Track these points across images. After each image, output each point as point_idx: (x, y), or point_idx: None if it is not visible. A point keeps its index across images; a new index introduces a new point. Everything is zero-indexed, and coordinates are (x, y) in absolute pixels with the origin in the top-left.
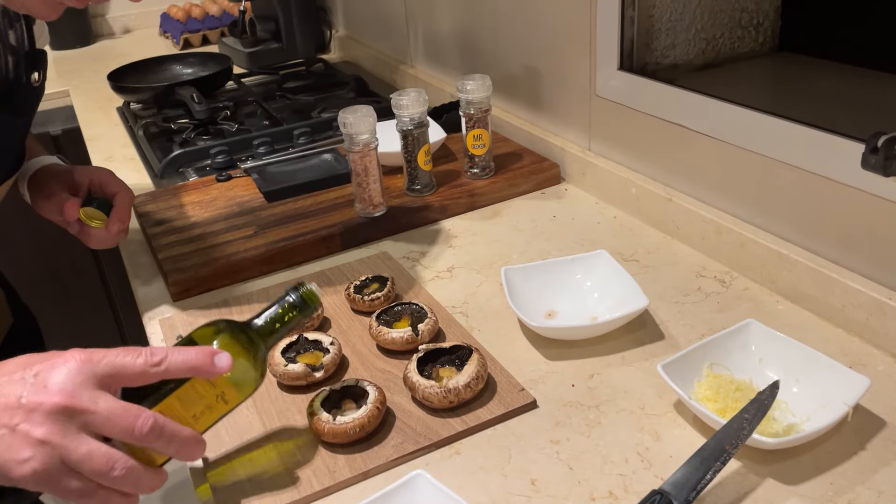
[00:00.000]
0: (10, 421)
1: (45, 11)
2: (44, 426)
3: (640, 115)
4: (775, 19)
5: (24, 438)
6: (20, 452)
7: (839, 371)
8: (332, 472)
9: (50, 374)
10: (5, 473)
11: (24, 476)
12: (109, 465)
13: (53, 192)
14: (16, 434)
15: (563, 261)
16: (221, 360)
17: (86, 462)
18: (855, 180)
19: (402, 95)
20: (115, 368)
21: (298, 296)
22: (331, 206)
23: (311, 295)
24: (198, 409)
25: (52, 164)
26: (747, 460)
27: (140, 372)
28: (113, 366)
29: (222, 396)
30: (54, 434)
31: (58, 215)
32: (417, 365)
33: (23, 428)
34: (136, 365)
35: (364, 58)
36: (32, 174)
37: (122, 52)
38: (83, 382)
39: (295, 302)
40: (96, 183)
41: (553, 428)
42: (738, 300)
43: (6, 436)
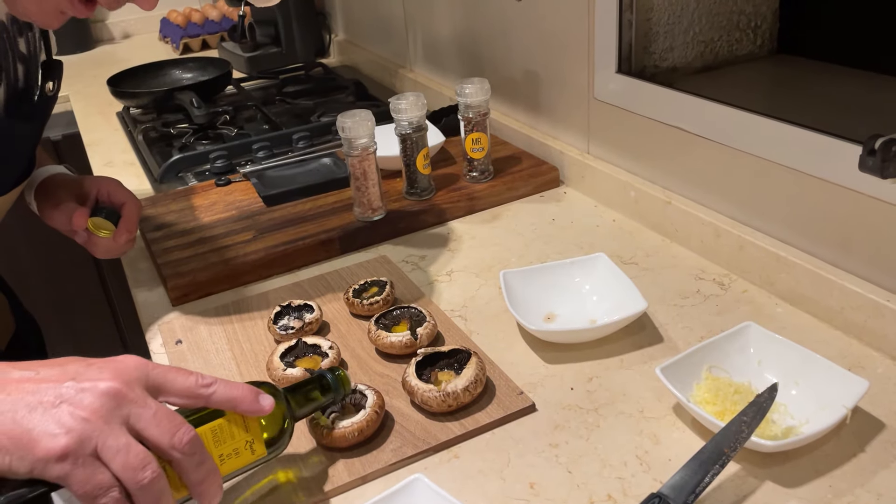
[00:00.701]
0: (58, 397)
1: (46, 20)
2: (92, 404)
3: (638, 118)
4: (773, 22)
5: (68, 413)
6: (57, 426)
7: (838, 373)
8: (331, 476)
9: (108, 364)
10: (30, 449)
11: (51, 451)
12: (143, 464)
13: (62, 201)
14: (59, 409)
15: (561, 264)
16: (265, 400)
17: (121, 454)
18: (853, 182)
19: (401, 99)
20: (166, 379)
21: (334, 377)
22: (330, 211)
23: (346, 380)
24: (227, 449)
25: (59, 173)
26: (746, 463)
27: (188, 389)
28: (165, 376)
29: (251, 445)
30: (100, 414)
31: (65, 224)
32: (416, 369)
33: (64, 410)
34: (186, 381)
35: (363, 62)
36: (40, 183)
37: (122, 57)
38: (136, 380)
39: (333, 384)
40: (104, 193)
41: (552, 431)
42: (737, 302)
43: (49, 408)
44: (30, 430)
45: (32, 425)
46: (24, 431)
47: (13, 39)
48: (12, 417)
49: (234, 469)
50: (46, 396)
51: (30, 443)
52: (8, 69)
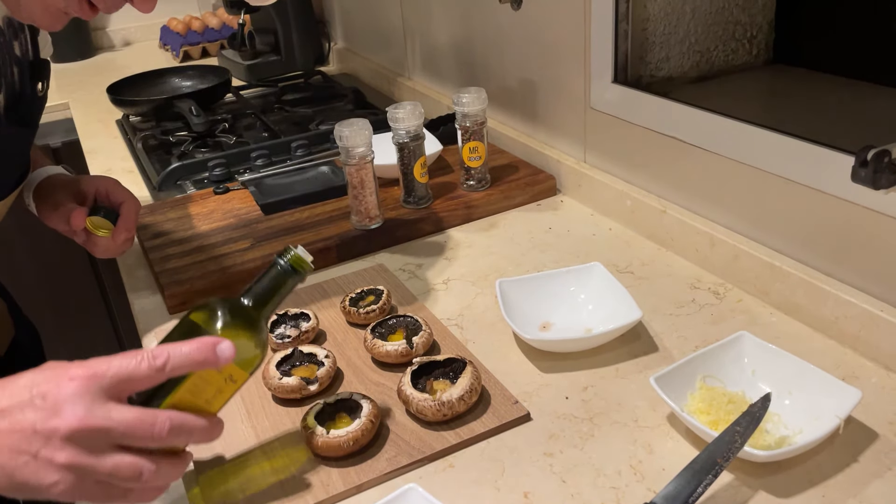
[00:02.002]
0: (30, 448)
1: (50, 22)
2: (64, 451)
3: (634, 127)
4: (769, 32)
5: (48, 464)
6: (47, 478)
7: (831, 383)
8: (326, 485)
9: (58, 397)
10: (38, 494)
11: (58, 497)
12: (137, 473)
13: (60, 201)
14: (38, 460)
15: (557, 273)
16: (224, 351)
17: (114, 475)
18: (846, 193)
19: (399, 108)
20: (120, 379)
21: (287, 262)
22: (327, 219)
23: (300, 259)
24: (209, 394)
25: (57, 173)
26: (739, 473)
27: (145, 377)
28: (118, 377)
29: (230, 378)
30: (76, 457)
31: (64, 225)
32: (411, 378)
33: (44, 454)
34: (140, 370)
35: (362, 70)
36: (38, 184)
37: (122, 65)
38: (93, 400)
39: (285, 268)
40: (103, 192)
41: (546, 441)
42: (732, 312)
43: (30, 462)
44: (26, 480)
45: (26, 476)
46: (23, 483)
47: (9, 43)
48: (9, 474)
49: (223, 402)
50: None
51: (37, 490)
52: (6, 74)
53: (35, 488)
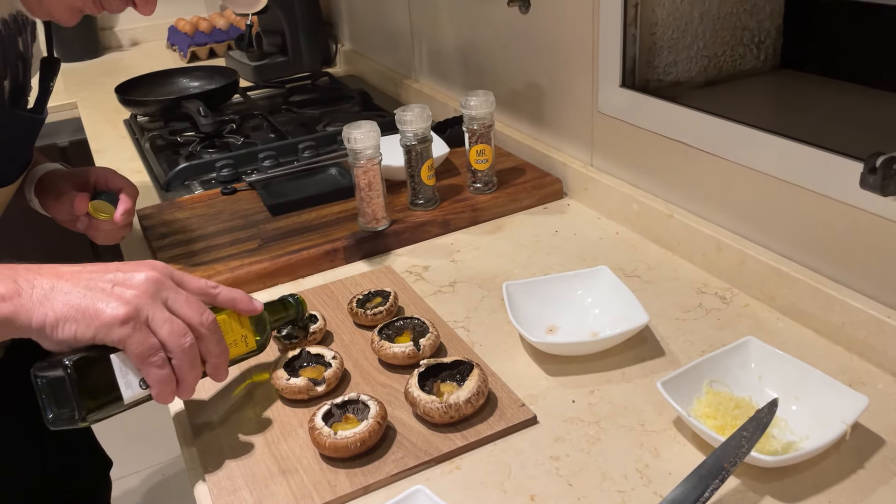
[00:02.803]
0: (106, 285)
1: (67, 17)
2: (137, 288)
3: (641, 131)
4: (777, 37)
5: (119, 296)
6: (116, 300)
7: (838, 389)
8: (333, 486)
9: (139, 267)
10: (95, 318)
11: (115, 318)
12: (184, 332)
13: (62, 191)
14: (112, 293)
15: (564, 276)
16: (257, 303)
17: (167, 324)
18: (854, 199)
19: (406, 111)
20: (184, 278)
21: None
22: (334, 220)
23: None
24: (228, 339)
25: (57, 168)
26: (746, 478)
27: (201, 288)
28: (183, 276)
29: (245, 339)
30: (148, 293)
31: (67, 214)
32: (418, 380)
33: (117, 291)
34: (199, 282)
35: (369, 72)
36: (39, 178)
37: (130, 65)
38: (166, 274)
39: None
40: (102, 180)
41: (553, 444)
42: (739, 317)
43: (102, 293)
44: (94, 304)
45: (94, 301)
46: (89, 305)
47: (13, 38)
48: (76, 296)
49: (233, 356)
50: (100, 283)
51: (95, 313)
52: (12, 64)
53: (97, 311)
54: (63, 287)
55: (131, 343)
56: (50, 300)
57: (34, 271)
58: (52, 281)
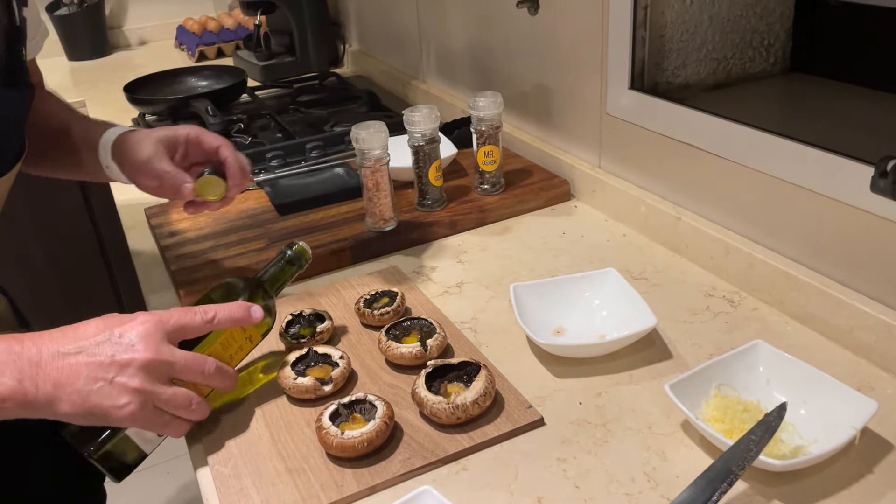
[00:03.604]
0: (107, 375)
1: None
2: (137, 378)
3: (650, 133)
4: (786, 40)
5: (122, 388)
6: (119, 399)
7: (847, 394)
8: (340, 486)
9: (133, 335)
10: (105, 416)
11: (123, 417)
12: (188, 402)
13: (149, 157)
14: (114, 385)
15: (571, 278)
16: (256, 313)
17: (171, 402)
18: (864, 203)
19: (415, 112)
20: (180, 326)
21: (293, 251)
22: (342, 221)
23: (302, 251)
24: (233, 350)
25: (129, 128)
26: (754, 482)
27: (198, 327)
28: (178, 325)
29: (249, 338)
30: (146, 384)
31: (154, 180)
32: (426, 380)
33: (119, 380)
34: (195, 322)
35: (377, 72)
36: (114, 143)
37: (138, 64)
38: (160, 340)
39: (290, 258)
40: (193, 138)
41: (560, 446)
42: (747, 320)
43: (105, 387)
44: (100, 403)
45: (101, 400)
46: (96, 404)
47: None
48: (81, 396)
49: (240, 359)
50: (100, 373)
51: (103, 413)
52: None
53: (105, 410)
54: (65, 388)
55: (142, 424)
56: (56, 401)
57: (37, 366)
58: (53, 381)
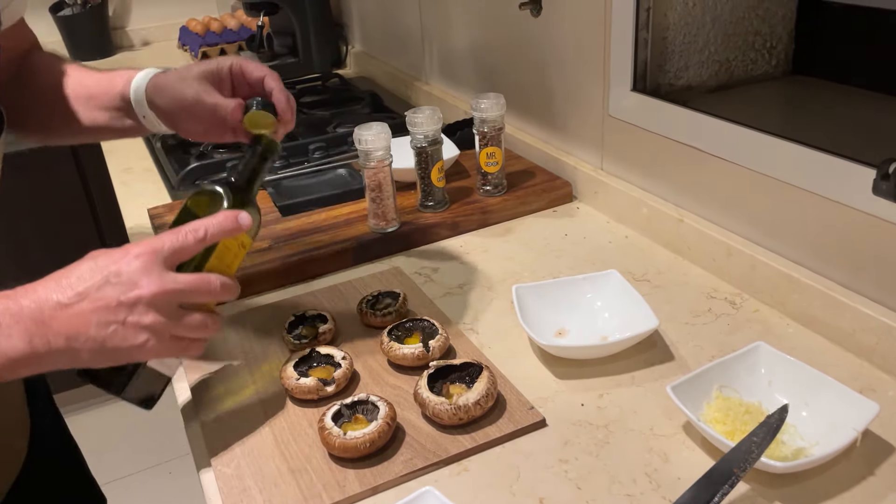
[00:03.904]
0: (118, 317)
1: None
2: (148, 313)
3: (652, 135)
4: (789, 42)
5: (136, 327)
6: (137, 338)
7: (849, 396)
8: (342, 486)
9: (132, 272)
10: (127, 356)
11: (146, 355)
12: (204, 324)
13: (192, 97)
14: (127, 326)
15: (573, 280)
16: (245, 220)
17: (188, 328)
18: (866, 205)
19: (417, 113)
20: (174, 251)
21: (262, 146)
22: (344, 221)
23: (271, 141)
24: (229, 259)
25: (160, 71)
26: (755, 483)
27: (192, 248)
28: (172, 249)
29: (241, 244)
30: (158, 317)
31: (202, 124)
32: (428, 381)
33: (131, 320)
34: (187, 242)
35: (379, 74)
36: (147, 89)
37: (141, 65)
38: (160, 270)
39: (264, 152)
40: (237, 69)
41: (562, 447)
42: (749, 322)
43: (119, 329)
44: (117, 345)
45: (116, 343)
46: (113, 348)
47: None
48: (96, 343)
49: (237, 266)
50: (110, 317)
51: (124, 353)
52: None
53: (125, 351)
54: (78, 339)
55: (164, 354)
56: (73, 353)
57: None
58: (64, 335)
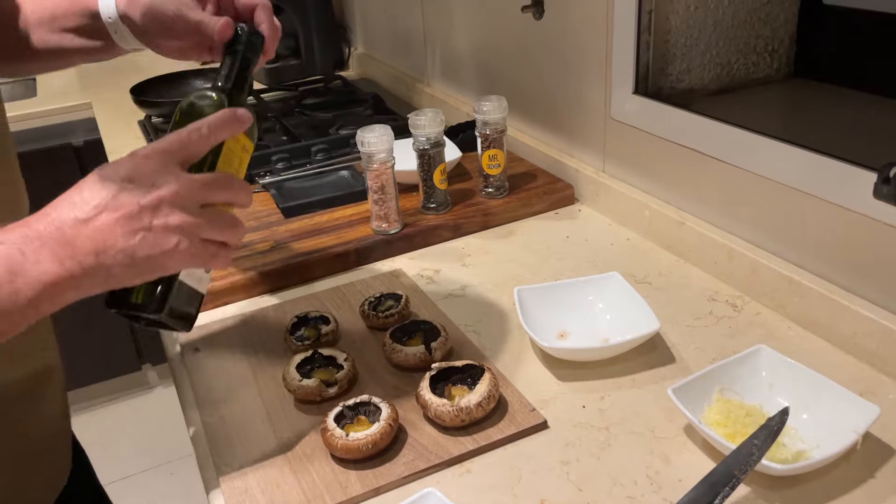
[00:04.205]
0: (142, 223)
1: None
2: (173, 214)
3: (654, 138)
4: (790, 46)
5: (164, 230)
6: (167, 242)
7: (849, 399)
8: (344, 487)
9: (147, 174)
10: (161, 265)
11: (179, 259)
12: (234, 223)
13: (177, 8)
14: (154, 231)
15: (575, 282)
16: (243, 114)
17: (216, 225)
18: (867, 209)
19: (420, 115)
20: (182, 147)
21: (244, 42)
22: (347, 223)
23: (254, 33)
24: (235, 164)
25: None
26: (756, 486)
27: (199, 144)
28: (181, 147)
29: (244, 148)
30: (184, 216)
31: (180, 38)
32: (430, 383)
33: (157, 223)
34: (194, 139)
35: (382, 76)
36: (119, 3)
37: (145, 66)
38: (175, 169)
39: (248, 48)
40: None
41: (563, 449)
42: (750, 325)
43: (147, 235)
44: (151, 255)
45: (148, 251)
46: (148, 259)
47: None
48: (127, 256)
49: (244, 172)
50: (136, 225)
51: (159, 265)
52: None
53: (158, 259)
54: (107, 253)
55: (196, 260)
56: (104, 270)
57: (67, 244)
58: (91, 251)
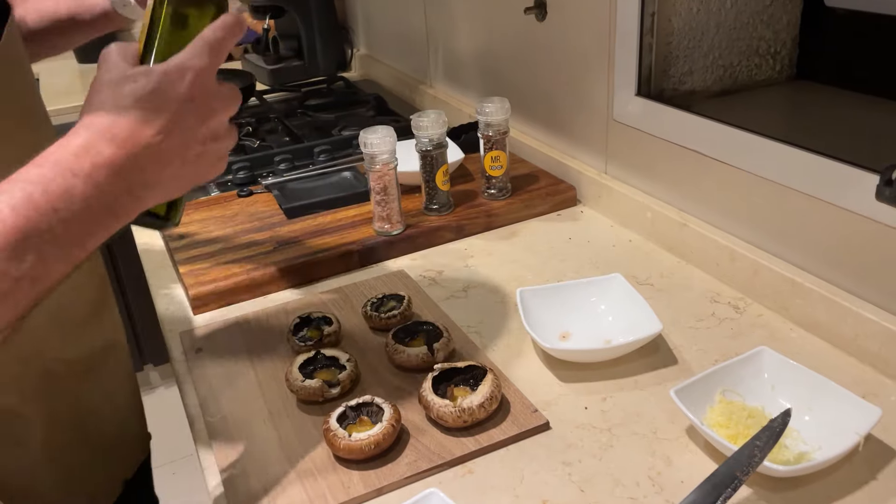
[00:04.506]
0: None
1: None
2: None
3: (656, 140)
4: (792, 48)
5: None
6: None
7: (851, 400)
8: (347, 487)
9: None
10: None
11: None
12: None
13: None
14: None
15: (577, 283)
16: (241, 20)
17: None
18: (869, 211)
19: (422, 117)
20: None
21: None
22: (349, 224)
23: None
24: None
25: None
26: (758, 487)
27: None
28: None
29: None
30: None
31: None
32: (432, 384)
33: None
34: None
35: (384, 77)
36: None
37: None
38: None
39: None
40: None
41: (565, 450)
42: (752, 327)
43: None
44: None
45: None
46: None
47: None
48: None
49: None
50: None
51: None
52: None
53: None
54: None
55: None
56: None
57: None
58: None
